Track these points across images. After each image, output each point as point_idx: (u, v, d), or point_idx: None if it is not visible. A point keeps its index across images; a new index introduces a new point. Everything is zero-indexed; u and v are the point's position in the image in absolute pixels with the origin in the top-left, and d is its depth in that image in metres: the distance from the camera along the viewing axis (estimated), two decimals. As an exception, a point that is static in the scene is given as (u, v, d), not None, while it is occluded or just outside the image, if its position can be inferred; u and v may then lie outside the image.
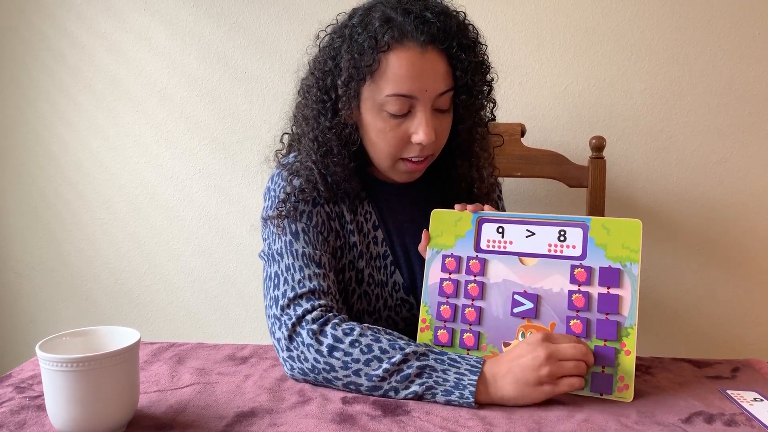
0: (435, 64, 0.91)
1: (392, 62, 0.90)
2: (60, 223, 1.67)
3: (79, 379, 0.69)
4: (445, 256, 0.94)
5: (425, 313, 0.93)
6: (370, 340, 0.84)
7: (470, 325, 0.90)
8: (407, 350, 0.82)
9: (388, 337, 0.85)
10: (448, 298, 0.92)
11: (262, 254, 0.98)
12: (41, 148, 1.64)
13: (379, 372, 0.82)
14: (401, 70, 0.90)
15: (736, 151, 1.49)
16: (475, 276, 0.91)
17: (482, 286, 0.91)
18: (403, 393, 0.82)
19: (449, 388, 0.80)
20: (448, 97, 0.94)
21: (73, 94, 1.61)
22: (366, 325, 0.87)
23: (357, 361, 0.83)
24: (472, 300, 0.91)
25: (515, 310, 0.88)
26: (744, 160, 1.49)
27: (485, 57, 0.98)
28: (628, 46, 1.47)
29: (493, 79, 1.00)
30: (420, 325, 0.93)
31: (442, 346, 0.90)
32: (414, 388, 0.81)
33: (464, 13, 0.97)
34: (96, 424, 0.71)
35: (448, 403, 0.80)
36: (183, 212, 1.63)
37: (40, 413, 0.79)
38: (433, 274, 0.94)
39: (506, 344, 0.88)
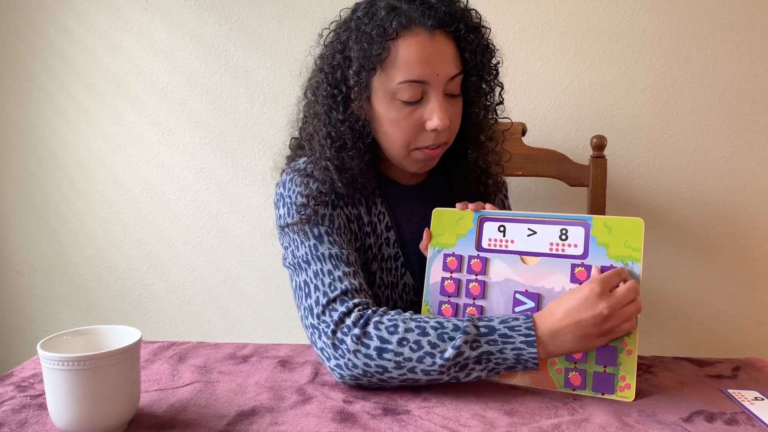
0: (444, 47, 0.91)
1: (402, 49, 0.90)
2: (61, 222, 1.67)
3: (81, 378, 0.69)
4: (446, 255, 0.93)
5: (427, 312, 0.93)
6: (417, 335, 0.81)
7: (471, 324, 0.90)
8: (458, 341, 0.80)
9: (434, 325, 0.82)
10: (449, 297, 0.92)
11: (287, 264, 0.96)
12: (42, 147, 1.64)
13: (435, 368, 0.80)
14: (411, 56, 0.90)
15: (736, 150, 1.49)
16: (476, 275, 0.91)
17: (483, 285, 0.91)
18: (465, 380, 0.82)
19: (511, 365, 0.81)
20: (458, 80, 0.95)
21: (73, 93, 1.61)
22: (407, 315, 0.84)
23: (409, 359, 0.81)
24: (474, 299, 0.91)
25: (516, 309, 0.88)
26: (745, 159, 1.49)
27: (490, 40, 0.98)
28: (629, 45, 1.47)
29: (499, 63, 1.00)
30: (421, 324, 0.93)
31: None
32: (476, 374, 0.82)
33: None
34: (97, 423, 0.71)
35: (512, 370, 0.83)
36: (184, 211, 1.63)
37: (41, 412, 0.79)
38: (434, 273, 0.94)
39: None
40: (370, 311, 0.86)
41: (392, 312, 0.85)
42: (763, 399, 0.82)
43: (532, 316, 0.82)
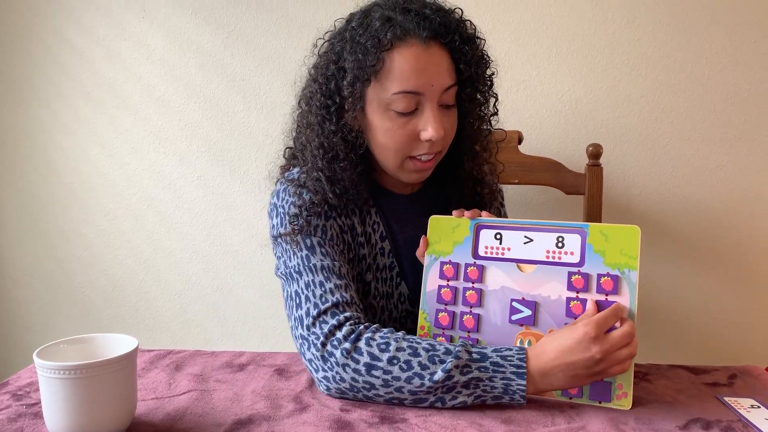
0: (439, 58, 0.92)
1: (396, 60, 0.90)
2: (58, 230, 1.67)
3: (77, 386, 0.69)
4: (443, 263, 0.94)
5: (423, 320, 0.93)
6: (408, 355, 0.81)
7: (468, 332, 0.90)
8: (448, 365, 0.80)
9: (425, 346, 0.82)
10: (446, 305, 0.92)
11: (279, 273, 0.96)
12: (40, 154, 1.64)
13: (423, 388, 0.80)
14: (406, 67, 0.90)
15: (732, 158, 1.50)
16: (473, 283, 0.92)
17: (480, 293, 0.91)
18: (450, 403, 0.81)
19: (498, 394, 0.80)
20: (453, 91, 0.95)
21: (71, 100, 1.62)
22: (399, 335, 0.84)
23: (398, 378, 0.81)
24: (471, 307, 0.91)
25: (513, 318, 0.88)
26: (740, 166, 1.50)
27: (485, 51, 0.98)
28: (625, 54, 1.48)
29: (493, 74, 1.00)
30: (418, 332, 0.93)
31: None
32: (462, 398, 0.81)
33: (461, 9, 0.97)
34: (93, 432, 0.70)
35: (498, 402, 0.82)
36: (181, 219, 1.63)
37: (37, 421, 0.78)
38: (431, 281, 0.94)
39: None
40: (362, 326, 0.86)
41: (385, 330, 0.85)
42: (759, 407, 0.83)
43: (525, 349, 0.82)
